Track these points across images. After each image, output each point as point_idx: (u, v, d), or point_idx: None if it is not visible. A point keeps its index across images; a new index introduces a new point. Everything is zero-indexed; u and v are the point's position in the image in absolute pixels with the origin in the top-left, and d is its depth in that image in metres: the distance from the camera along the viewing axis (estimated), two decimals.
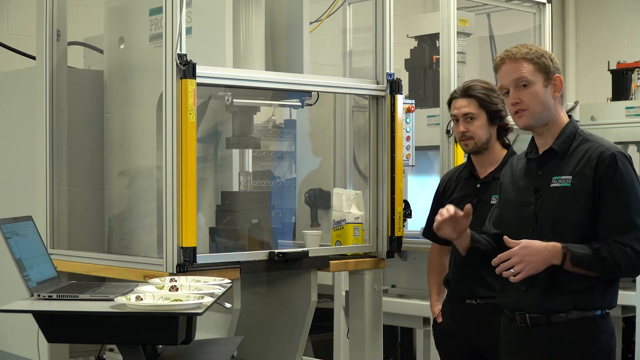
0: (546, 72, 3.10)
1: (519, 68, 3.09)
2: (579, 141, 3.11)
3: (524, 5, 5.55)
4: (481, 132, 3.88)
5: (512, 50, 3.12)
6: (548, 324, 3.04)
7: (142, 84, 4.39)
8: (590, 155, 3.04)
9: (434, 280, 4.10)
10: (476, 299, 3.81)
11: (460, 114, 3.91)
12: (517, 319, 3.11)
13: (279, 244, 4.58)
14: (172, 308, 2.96)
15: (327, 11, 5.17)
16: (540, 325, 3.05)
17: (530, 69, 3.08)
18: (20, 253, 3.18)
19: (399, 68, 5.36)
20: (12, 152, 4.92)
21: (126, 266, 4.03)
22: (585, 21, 9.68)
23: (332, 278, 5.52)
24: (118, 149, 4.57)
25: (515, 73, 3.09)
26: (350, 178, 5.43)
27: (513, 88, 3.10)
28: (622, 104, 6.61)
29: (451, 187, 4.01)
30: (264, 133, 4.83)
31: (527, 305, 3.08)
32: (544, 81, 3.09)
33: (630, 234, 2.97)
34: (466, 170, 3.99)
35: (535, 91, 3.08)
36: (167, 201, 3.75)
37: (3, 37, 6.13)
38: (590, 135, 3.14)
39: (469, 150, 3.92)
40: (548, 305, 3.04)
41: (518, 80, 3.09)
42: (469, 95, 3.90)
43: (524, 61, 3.09)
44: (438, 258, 4.10)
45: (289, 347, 4.37)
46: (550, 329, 3.03)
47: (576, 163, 3.06)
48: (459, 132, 3.92)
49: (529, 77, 3.08)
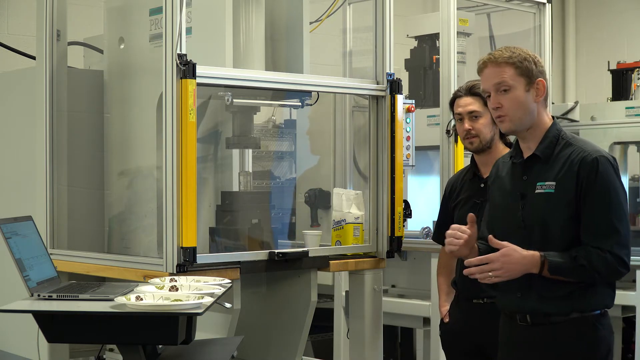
0: (528, 76, 3.06)
1: (500, 72, 3.07)
2: (562, 145, 3.08)
3: (524, 5, 5.55)
4: (486, 130, 3.88)
5: (495, 54, 3.10)
6: (549, 323, 3.04)
7: (142, 84, 4.39)
8: (573, 160, 3.02)
9: (443, 282, 4.10)
10: (483, 298, 3.81)
11: (465, 112, 3.90)
12: (517, 317, 3.11)
13: (279, 244, 4.58)
14: (172, 308, 2.96)
15: (327, 11, 5.17)
16: (540, 325, 3.06)
17: (512, 73, 3.05)
18: (20, 253, 3.18)
19: (399, 68, 5.36)
20: (12, 152, 4.92)
21: (126, 266, 4.03)
22: (585, 21, 9.67)
23: (332, 278, 5.52)
24: (118, 149, 4.57)
25: (496, 77, 3.07)
26: (350, 178, 5.43)
27: (494, 92, 3.08)
28: (622, 104, 6.61)
29: (457, 190, 4.01)
30: (264, 133, 4.83)
31: (527, 309, 3.09)
32: (525, 85, 3.05)
33: (610, 239, 2.96)
34: (470, 172, 3.98)
35: (516, 96, 3.05)
36: (167, 201, 3.75)
37: (3, 37, 6.12)
38: (573, 139, 3.11)
39: (474, 149, 3.91)
40: (548, 309, 3.04)
41: (499, 84, 3.07)
42: (474, 94, 3.90)
43: (506, 65, 3.06)
44: (447, 260, 4.09)
45: (289, 347, 4.37)
46: (550, 328, 3.04)
47: (559, 168, 3.04)
48: (464, 130, 3.90)
49: (509, 82, 3.05)
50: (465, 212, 3.89)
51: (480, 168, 3.94)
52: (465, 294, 3.89)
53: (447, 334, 3.99)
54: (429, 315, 5.21)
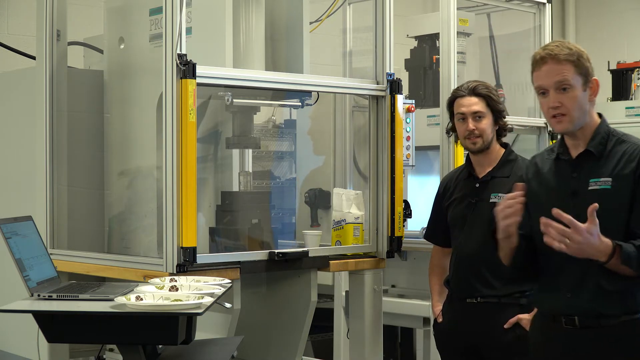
0: (585, 75, 2.99)
1: (561, 70, 2.96)
2: (614, 142, 3.01)
3: (523, 5, 5.55)
4: (489, 131, 3.88)
5: (554, 50, 2.98)
6: (598, 326, 2.95)
7: (142, 84, 4.39)
8: (630, 154, 2.96)
9: (435, 281, 4.10)
10: (476, 297, 3.82)
11: (470, 112, 3.87)
12: (563, 320, 3.01)
13: (279, 244, 4.58)
14: (172, 308, 2.96)
15: (327, 11, 5.17)
16: (589, 328, 2.96)
17: (572, 71, 2.97)
18: (20, 253, 3.18)
19: (399, 68, 5.36)
20: (12, 152, 4.92)
21: (126, 266, 4.03)
22: (585, 21, 9.68)
23: (332, 278, 5.52)
24: (118, 149, 4.57)
25: (557, 75, 2.96)
26: (350, 178, 5.43)
27: (553, 90, 2.98)
28: (622, 104, 6.61)
29: (451, 189, 4.01)
30: (264, 133, 4.83)
31: (577, 311, 2.98)
32: (582, 85, 2.98)
33: None
34: (465, 171, 3.99)
35: (575, 95, 2.97)
36: (167, 201, 3.75)
37: (3, 37, 6.13)
38: (625, 135, 3.05)
39: (477, 149, 3.88)
40: (600, 308, 2.95)
41: (560, 83, 2.97)
42: (477, 94, 3.89)
43: (567, 63, 2.96)
44: (439, 259, 4.10)
45: (289, 347, 4.37)
46: (600, 330, 2.95)
47: (615, 164, 2.97)
48: (468, 130, 3.87)
49: (570, 81, 2.96)
50: (460, 211, 3.93)
51: (476, 168, 3.95)
52: (458, 294, 3.89)
53: (440, 334, 3.99)
54: (429, 315, 5.21)
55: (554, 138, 5.55)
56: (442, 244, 4.07)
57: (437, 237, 4.11)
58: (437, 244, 4.12)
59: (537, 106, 5.57)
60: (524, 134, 5.53)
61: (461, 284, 3.88)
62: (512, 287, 3.76)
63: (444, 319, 3.96)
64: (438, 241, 4.11)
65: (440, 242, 4.09)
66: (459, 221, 3.92)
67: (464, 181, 3.97)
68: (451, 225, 3.97)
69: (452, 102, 3.97)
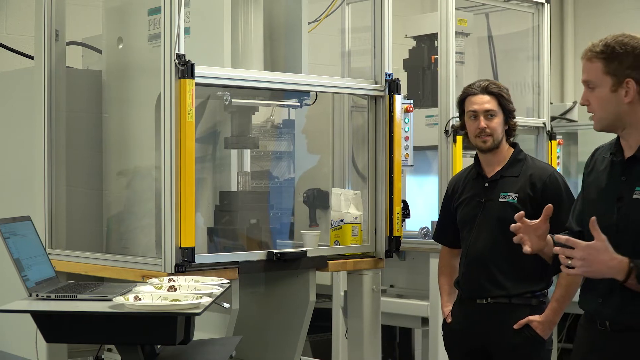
0: (616, 74, 2.83)
1: (588, 68, 2.87)
2: None
3: (522, 5, 5.55)
4: (499, 130, 3.85)
5: (590, 46, 2.87)
6: (629, 330, 2.87)
7: (141, 84, 4.39)
8: None
9: (444, 282, 4.07)
10: (486, 298, 3.80)
11: (482, 110, 3.84)
12: (597, 322, 2.95)
13: (277, 244, 4.58)
14: (170, 308, 2.96)
15: (325, 11, 5.17)
16: (620, 332, 2.89)
17: (600, 70, 2.84)
18: (18, 253, 3.18)
19: (397, 68, 5.36)
20: (10, 152, 4.92)
21: (124, 266, 4.03)
22: (584, 21, 9.67)
23: (331, 278, 5.52)
24: (116, 149, 4.57)
25: (585, 73, 2.89)
26: (349, 178, 5.44)
27: (585, 88, 2.91)
28: None
29: (460, 189, 3.98)
30: (263, 133, 4.84)
31: (606, 316, 2.91)
32: (612, 85, 2.84)
33: None
34: (474, 171, 3.96)
35: (600, 95, 2.87)
36: (165, 201, 3.75)
37: (2, 37, 6.12)
38: None
39: (487, 147, 3.85)
40: (628, 317, 2.86)
41: (586, 82, 2.90)
42: (489, 93, 3.86)
43: (597, 61, 2.85)
44: (448, 260, 4.07)
45: (287, 347, 4.37)
46: (631, 335, 2.88)
47: None
48: (479, 128, 3.83)
49: (594, 81, 2.86)
50: (469, 211, 3.91)
51: (485, 167, 3.91)
52: (468, 294, 3.87)
53: (449, 334, 3.97)
54: (427, 315, 5.21)
55: (552, 138, 5.56)
56: (451, 245, 4.04)
57: (446, 238, 4.07)
58: (446, 245, 4.09)
59: (536, 106, 5.58)
60: (523, 134, 5.54)
61: (471, 284, 3.86)
62: (523, 288, 3.75)
63: (453, 319, 3.94)
64: (447, 242, 4.07)
65: (449, 243, 4.06)
66: (468, 221, 3.88)
67: (472, 181, 3.94)
68: (460, 226, 3.93)
69: (463, 99, 3.92)
